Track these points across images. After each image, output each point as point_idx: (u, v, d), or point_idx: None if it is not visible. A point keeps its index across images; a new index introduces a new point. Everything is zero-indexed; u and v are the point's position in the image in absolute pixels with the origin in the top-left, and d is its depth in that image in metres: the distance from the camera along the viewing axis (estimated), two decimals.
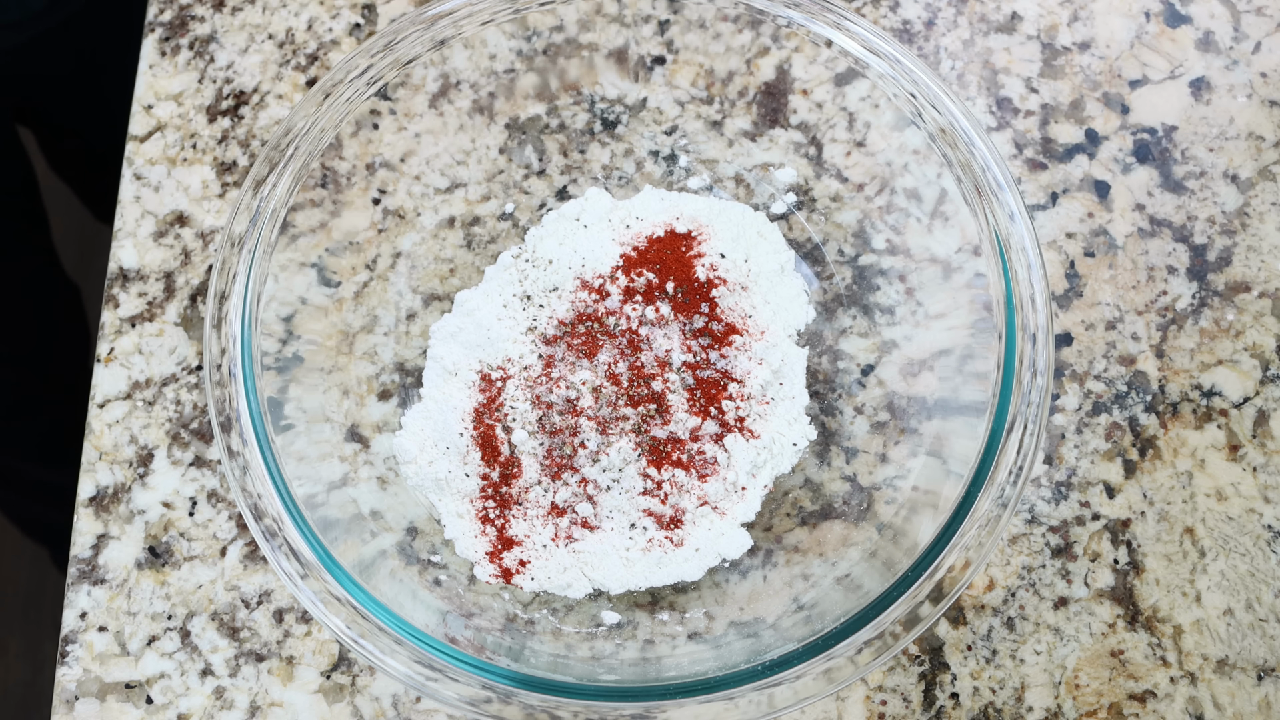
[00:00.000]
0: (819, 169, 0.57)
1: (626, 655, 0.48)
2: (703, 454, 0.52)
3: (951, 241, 0.51)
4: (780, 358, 0.53)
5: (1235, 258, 0.58)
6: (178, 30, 0.63)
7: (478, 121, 0.56)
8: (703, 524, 0.52)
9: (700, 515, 0.51)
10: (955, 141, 0.49)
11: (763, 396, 0.53)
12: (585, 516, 0.51)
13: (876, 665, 0.43)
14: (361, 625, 0.43)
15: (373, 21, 0.63)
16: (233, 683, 0.51)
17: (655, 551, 0.51)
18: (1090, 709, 0.51)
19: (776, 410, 0.53)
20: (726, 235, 0.55)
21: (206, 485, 0.54)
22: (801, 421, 0.53)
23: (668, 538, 0.51)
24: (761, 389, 0.53)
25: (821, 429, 0.54)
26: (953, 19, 0.62)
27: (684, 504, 0.51)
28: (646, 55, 0.58)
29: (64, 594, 0.53)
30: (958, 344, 0.50)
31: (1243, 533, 0.53)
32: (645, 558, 0.51)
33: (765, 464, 0.52)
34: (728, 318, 0.54)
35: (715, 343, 0.53)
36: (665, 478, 0.51)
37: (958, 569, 0.43)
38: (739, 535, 0.51)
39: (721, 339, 0.53)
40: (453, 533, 0.51)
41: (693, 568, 0.51)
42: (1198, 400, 0.55)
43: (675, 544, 0.51)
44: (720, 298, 0.54)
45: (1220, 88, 0.61)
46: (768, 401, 0.53)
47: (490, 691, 0.42)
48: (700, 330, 0.53)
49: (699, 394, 0.52)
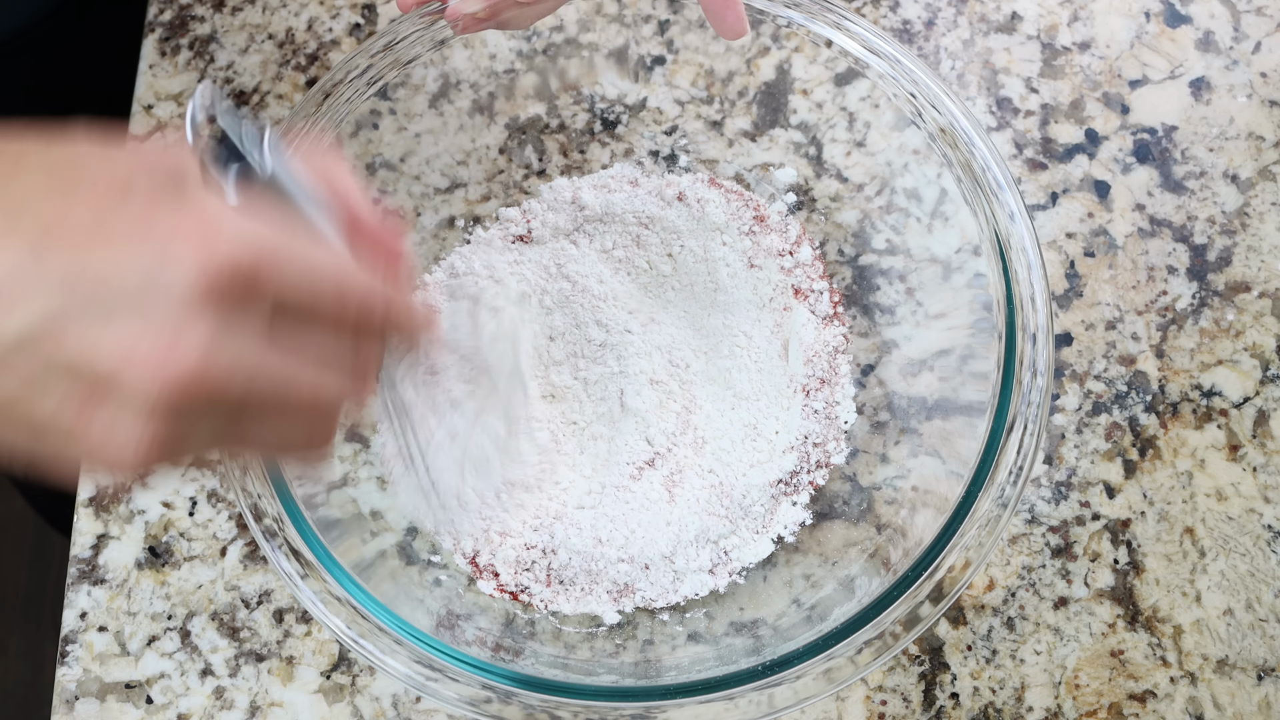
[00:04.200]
0: (819, 169, 0.57)
1: (626, 655, 0.48)
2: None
3: (951, 241, 0.51)
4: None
5: (1235, 258, 0.58)
6: (178, 30, 0.63)
7: (478, 121, 0.56)
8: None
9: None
10: (955, 141, 0.49)
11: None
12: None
13: (876, 665, 0.43)
14: (361, 625, 0.43)
15: (373, 21, 0.63)
16: (233, 683, 0.51)
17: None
18: (1090, 709, 0.51)
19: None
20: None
21: (206, 485, 0.54)
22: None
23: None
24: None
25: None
26: (953, 19, 0.62)
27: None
28: (646, 55, 0.58)
29: (64, 594, 0.53)
30: (958, 344, 0.50)
31: (1243, 533, 0.53)
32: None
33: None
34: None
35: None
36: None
37: (958, 569, 0.43)
38: (763, 543, 0.51)
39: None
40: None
41: (718, 578, 0.51)
42: (1198, 400, 0.55)
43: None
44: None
45: (1220, 88, 0.61)
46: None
47: (490, 691, 0.42)
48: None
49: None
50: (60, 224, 0.28)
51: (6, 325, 0.27)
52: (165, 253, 0.28)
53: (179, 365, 0.28)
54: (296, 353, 0.30)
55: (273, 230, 0.30)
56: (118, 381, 0.28)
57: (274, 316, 0.30)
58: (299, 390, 0.31)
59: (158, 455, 0.29)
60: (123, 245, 0.28)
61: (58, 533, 1.07)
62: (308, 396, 0.31)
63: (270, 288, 0.29)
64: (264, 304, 0.29)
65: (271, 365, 0.30)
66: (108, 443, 0.28)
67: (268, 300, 0.29)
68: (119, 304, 0.27)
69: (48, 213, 0.28)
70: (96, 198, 0.29)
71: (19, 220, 0.28)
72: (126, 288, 0.28)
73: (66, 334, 0.27)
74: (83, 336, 0.27)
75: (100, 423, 0.28)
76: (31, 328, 0.27)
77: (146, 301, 0.28)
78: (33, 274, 0.28)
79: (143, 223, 0.28)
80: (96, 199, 0.29)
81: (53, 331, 0.27)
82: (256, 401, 0.30)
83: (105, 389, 0.28)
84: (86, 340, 0.27)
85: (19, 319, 0.27)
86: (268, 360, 0.30)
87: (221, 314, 0.28)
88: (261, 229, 0.30)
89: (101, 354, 0.27)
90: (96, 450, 0.28)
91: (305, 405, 0.31)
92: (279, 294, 0.30)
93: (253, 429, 0.31)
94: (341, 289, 0.31)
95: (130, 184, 0.29)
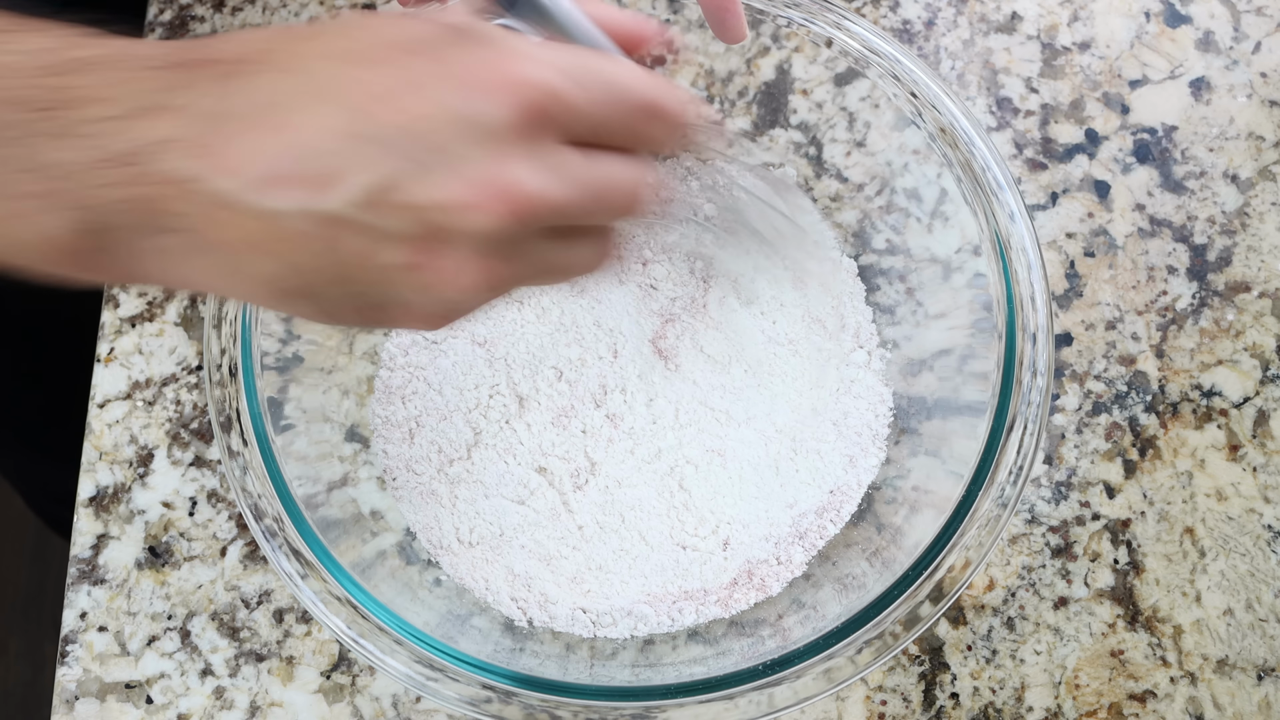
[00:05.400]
0: (819, 169, 0.57)
1: (626, 655, 0.48)
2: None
3: (951, 241, 0.51)
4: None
5: (1235, 258, 0.58)
6: (178, 30, 0.63)
7: None
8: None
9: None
10: (955, 141, 0.49)
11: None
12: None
13: (876, 665, 0.43)
14: (361, 625, 0.43)
15: None
16: (233, 683, 0.51)
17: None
18: (1090, 709, 0.51)
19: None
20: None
21: (206, 485, 0.54)
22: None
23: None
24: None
25: None
26: (953, 19, 0.62)
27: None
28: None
29: (64, 594, 0.53)
30: (958, 344, 0.50)
31: (1243, 533, 0.53)
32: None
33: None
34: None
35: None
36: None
37: (958, 569, 0.43)
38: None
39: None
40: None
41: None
42: (1198, 400, 0.55)
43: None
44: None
45: (1220, 88, 0.61)
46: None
47: (490, 691, 0.42)
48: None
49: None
50: (367, 86, 0.30)
51: (345, 190, 0.29)
52: (475, 92, 0.30)
53: (511, 193, 0.30)
54: (605, 169, 0.32)
55: (564, 53, 0.32)
56: (458, 217, 0.30)
57: (582, 137, 0.32)
58: (615, 187, 0.33)
59: (491, 288, 0.32)
60: (434, 92, 0.30)
61: (57, 535, 1.07)
62: (624, 190, 0.33)
63: (574, 106, 0.31)
64: (568, 124, 0.31)
65: (589, 172, 0.32)
66: (448, 275, 0.31)
67: (575, 124, 0.31)
68: (444, 147, 0.30)
69: (352, 79, 0.30)
70: (395, 55, 0.31)
71: (325, 92, 0.30)
72: (447, 131, 0.30)
73: (402, 185, 0.30)
74: (417, 184, 0.30)
75: (442, 256, 0.30)
76: (368, 186, 0.29)
77: (469, 140, 0.30)
78: (358, 137, 0.29)
79: (447, 69, 0.30)
80: (395, 56, 0.31)
81: (389, 185, 0.29)
82: (582, 209, 0.32)
83: (445, 226, 0.30)
84: (422, 186, 0.30)
85: (356, 180, 0.29)
86: (585, 169, 0.32)
87: (537, 139, 0.30)
88: (555, 54, 0.31)
89: (439, 194, 0.30)
90: (437, 284, 0.31)
91: (622, 201, 0.33)
92: (582, 110, 0.31)
93: (565, 250, 0.33)
94: (635, 94, 0.33)
95: (422, 39, 0.31)
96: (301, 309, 0.33)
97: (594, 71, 0.32)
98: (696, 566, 0.50)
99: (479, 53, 0.31)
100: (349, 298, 0.32)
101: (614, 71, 0.32)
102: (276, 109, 0.30)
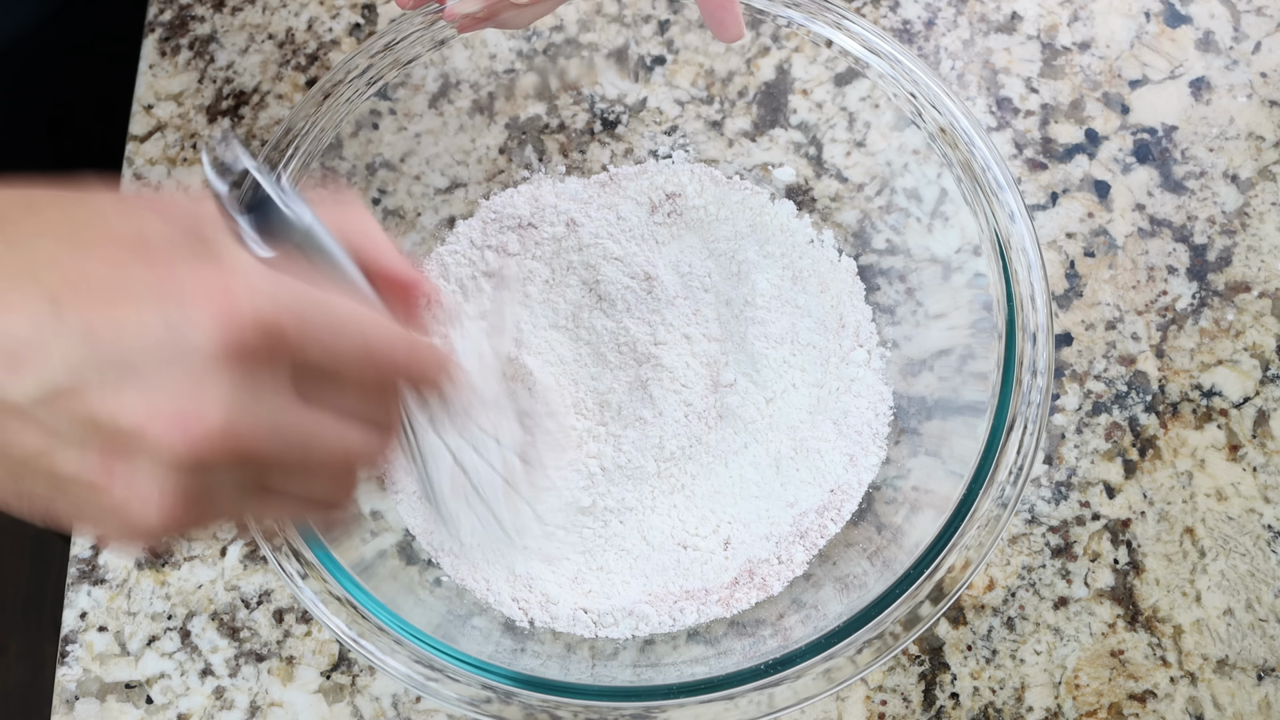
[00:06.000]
0: (819, 169, 0.57)
1: (627, 655, 0.48)
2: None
3: (951, 241, 0.51)
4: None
5: (1235, 258, 0.58)
6: (178, 30, 0.63)
7: (478, 121, 0.56)
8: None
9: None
10: (955, 141, 0.49)
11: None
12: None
13: (876, 665, 0.43)
14: (361, 625, 0.43)
15: (373, 21, 0.63)
16: (233, 683, 0.51)
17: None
18: (1090, 709, 0.51)
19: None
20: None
21: None
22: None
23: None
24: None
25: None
26: (953, 19, 0.62)
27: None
28: (646, 55, 0.58)
29: (64, 594, 0.53)
30: (958, 344, 0.50)
31: (1243, 533, 0.53)
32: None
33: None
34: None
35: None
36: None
37: (958, 569, 0.43)
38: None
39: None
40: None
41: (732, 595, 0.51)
42: (1198, 400, 0.55)
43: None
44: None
45: (1220, 88, 0.61)
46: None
47: (490, 691, 0.42)
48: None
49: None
50: (80, 280, 0.28)
51: (28, 381, 0.27)
52: (186, 311, 0.28)
53: (201, 425, 0.27)
54: (321, 409, 0.30)
55: (295, 285, 0.29)
56: (140, 439, 0.27)
57: (298, 373, 0.29)
58: (324, 447, 0.30)
59: (181, 515, 0.29)
60: (143, 303, 0.28)
61: (57, 536, 1.07)
62: (335, 453, 0.31)
63: (294, 346, 0.29)
64: (287, 361, 0.29)
65: (296, 423, 0.29)
66: (130, 499, 0.28)
67: (291, 358, 0.29)
68: (140, 362, 0.27)
69: (67, 267, 0.28)
70: (116, 252, 0.29)
71: (38, 274, 0.28)
72: (148, 346, 0.27)
73: (88, 391, 0.27)
74: (105, 394, 0.27)
75: (122, 478, 0.28)
76: (53, 383, 0.27)
77: (168, 360, 0.27)
78: (53, 330, 0.27)
79: (163, 279, 0.28)
80: (116, 253, 0.28)
81: (75, 388, 0.27)
82: (280, 459, 0.30)
83: (127, 446, 0.28)
84: (108, 398, 0.27)
85: (41, 374, 0.27)
86: (292, 418, 0.29)
87: (244, 373, 0.28)
88: (284, 284, 0.29)
89: (124, 412, 0.27)
90: (119, 506, 0.28)
91: (331, 462, 0.31)
92: (303, 352, 0.29)
93: (277, 488, 0.31)
94: (367, 346, 0.30)
95: (149, 238, 0.29)
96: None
97: (324, 312, 0.29)
98: (698, 566, 0.50)
99: (203, 270, 0.28)
100: (23, 497, 0.29)
101: (348, 315, 0.30)
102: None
